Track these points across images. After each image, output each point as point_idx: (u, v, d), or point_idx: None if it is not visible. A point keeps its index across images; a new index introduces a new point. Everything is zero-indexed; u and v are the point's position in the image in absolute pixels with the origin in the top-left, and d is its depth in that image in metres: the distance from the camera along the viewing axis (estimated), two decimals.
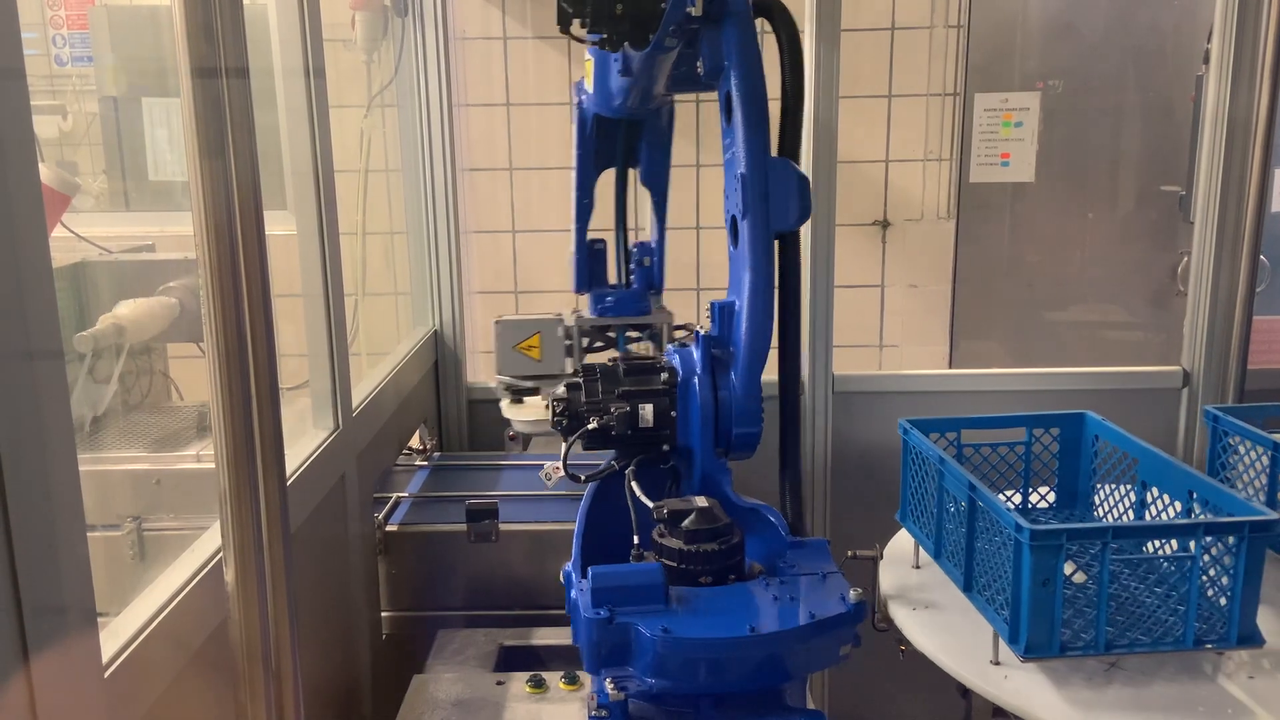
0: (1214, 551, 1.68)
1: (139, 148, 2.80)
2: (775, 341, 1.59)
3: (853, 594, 1.47)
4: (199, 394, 2.56)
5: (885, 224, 3.92)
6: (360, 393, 2.19)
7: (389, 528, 2.25)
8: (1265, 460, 2.06)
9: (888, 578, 2.13)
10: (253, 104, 1.25)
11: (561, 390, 1.57)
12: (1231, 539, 1.65)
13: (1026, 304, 3.79)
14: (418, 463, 2.65)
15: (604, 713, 1.41)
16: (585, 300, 2.34)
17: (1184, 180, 3.26)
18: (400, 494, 2.43)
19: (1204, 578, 1.71)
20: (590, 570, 1.42)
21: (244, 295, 1.20)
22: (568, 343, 2.25)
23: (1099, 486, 2.19)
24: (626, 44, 1.53)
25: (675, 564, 1.49)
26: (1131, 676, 1.72)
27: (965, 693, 1.98)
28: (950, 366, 3.83)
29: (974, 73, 3.62)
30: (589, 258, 2.27)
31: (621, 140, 2.20)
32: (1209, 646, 1.71)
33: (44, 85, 3.33)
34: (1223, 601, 1.68)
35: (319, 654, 1.89)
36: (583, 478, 1.61)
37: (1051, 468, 2.28)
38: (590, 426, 1.54)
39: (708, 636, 1.36)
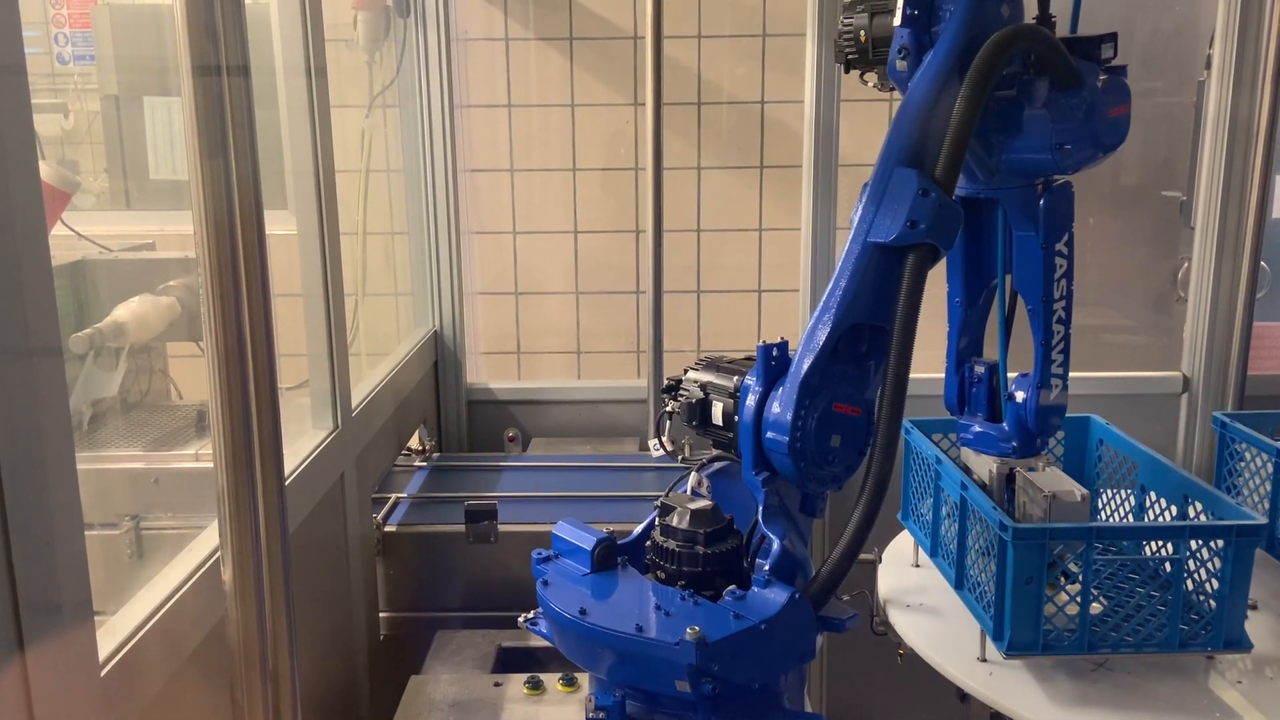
0: (1202, 555, 1.68)
1: (140, 146, 2.80)
2: None
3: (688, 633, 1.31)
4: (198, 393, 2.56)
5: None
6: (360, 393, 2.18)
7: (388, 528, 2.25)
8: (1269, 468, 2.06)
9: (887, 579, 2.14)
10: (254, 103, 1.25)
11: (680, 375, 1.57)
12: (1219, 543, 1.65)
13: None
14: (417, 463, 2.64)
15: (601, 714, 1.40)
16: None
17: (1185, 186, 3.26)
18: (399, 494, 2.43)
19: (1192, 581, 1.71)
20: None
21: (243, 295, 1.19)
22: None
23: (1103, 490, 2.20)
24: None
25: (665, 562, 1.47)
26: (1119, 677, 1.72)
27: (964, 697, 1.98)
28: None
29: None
30: None
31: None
32: (1204, 651, 1.72)
33: (46, 84, 3.33)
34: (1211, 605, 1.68)
35: (316, 654, 1.89)
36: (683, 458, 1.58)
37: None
38: (666, 409, 1.56)
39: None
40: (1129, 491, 2.08)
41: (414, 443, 2.69)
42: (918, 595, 2.06)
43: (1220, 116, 2.53)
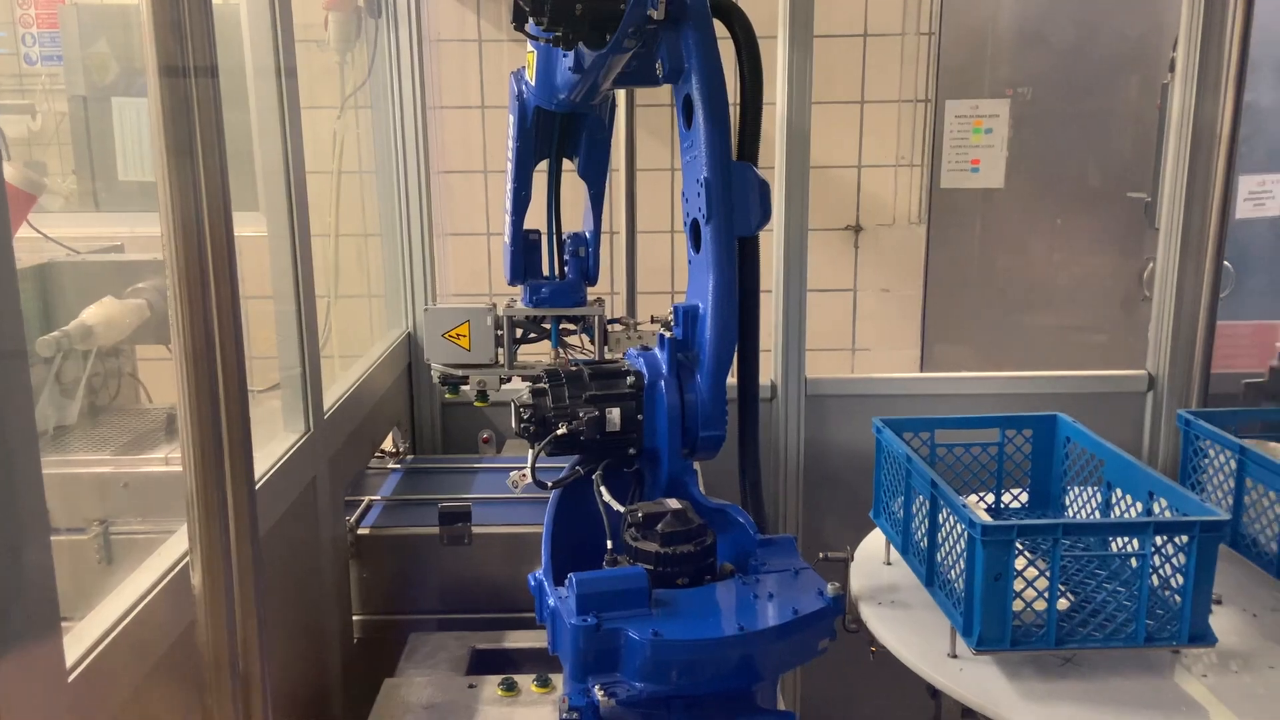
0: (1167, 550, 1.71)
1: (109, 147, 2.77)
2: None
3: (830, 588, 1.48)
4: (168, 396, 2.54)
5: (858, 228, 3.95)
6: (332, 395, 2.18)
7: (361, 531, 2.24)
8: (1233, 464, 2.09)
9: (859, 577, 2.16)
10: (221, 103, 1.24)
11: (527, 396, 1.57)
12: (1183, 538, 1.68)
13: (997, 308, 3.83)
14: (390, 465, 2.64)
15: (575, 715, 1.41)
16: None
17: (1150, 187, 3.31)
18: (373, 497, 2.42)
19: (1158, 577, 1.74)
20: (573, 576, 1.41)
21: (212, 297, 1.19)
22: (499, 333, 2.26)
23: (1069, 488, 2.23)
24: (581, 43, 1.53)
25: (652, 567, 1.49)
26: (1086, 671, 1.75)
27: (935, 693, 2.00)
28: (922, 370, 3.86)
29: (945, 79, 3.66)
30: (524, 248, 2.27)
31: (558, 132, 2.21)
32: (1170, 645, 1.74)
33: (13, 84, 3.29)
34: (1176, 600, 1.71)
35: (289, 658, 1.88)
36: (549, 484, 1.61)
37: (1024, 469, 2.32)
38: (559, 432, 1.54)
39: (700, 638, 1.36)
40: (1095, 488, 2.11)
41: (387, 445, 2.68)
42: (889, 593, 2.08)
43: (1184, 119, 2.57)
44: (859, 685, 2.67)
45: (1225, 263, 3.42)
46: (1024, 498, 2.32)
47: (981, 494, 2.31)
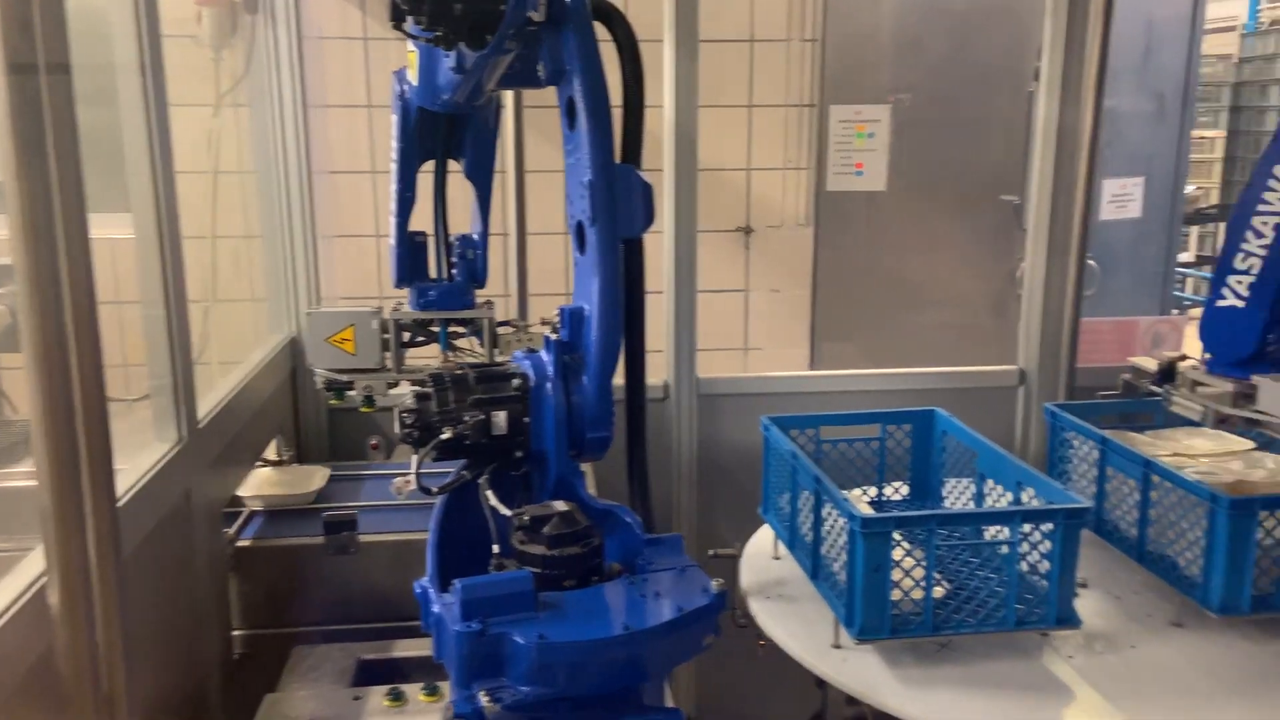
0: (1034, 538, 1.79)
1: None
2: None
3: (714, 584, 1.51)
4: None
5: (748, 230, 4.02)
6: (208, 403, 2.10)
7: (241, 543, 2.17)
8: (1096, 454, 2.20)
9: (749, 572, 2.20)
10: (74, 101, 1.19)
11: (411, 401, 1.55)
12: (1049, 525, 1.76)
13: (881, 307, 3.95)
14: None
15: None
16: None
17: (1020, 190, 3.47)
18: (254, 508, 2.34)
19: (1027, 563, 1.82)
20: (458, 582, 1.40)
21: (66, 302, 1.14)
22: (385, 336, 2.22)
23: (947, 480, 2.31)
24: (463, 43, 1.52)
25: (539, 570, 1.49)
26: (961, 656, 1.82)
27: (821, 684, 2.05)
28: (811, 367, 3.95)
29: (829, 85, 3.75)
30: (410, 251, 2.25)
31: (443, 132, 2.19)
32: (1039, 628, 1.83)
33: None
34: (1043, 585, 1.79)
35: (162, 678, 1.81)
36: (434, 490, 1.59)
37: (905, 462, 2.39)
38: (444, 437, 1.53)
39: (585, 639, 1.36)
40: (969, 480, 2.19)
41: (270, 453, 2.60)
42: (777, 587, 2.12)
43: (1049, 125, 2.69)
44: (752, 679, 2.71)
45: (1091, 262, 3.61)
46: (905, 490, 2.39)
47: (865, 488, 2.38)
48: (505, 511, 1.54)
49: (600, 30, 1.61)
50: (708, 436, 2.85)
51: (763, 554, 2.29)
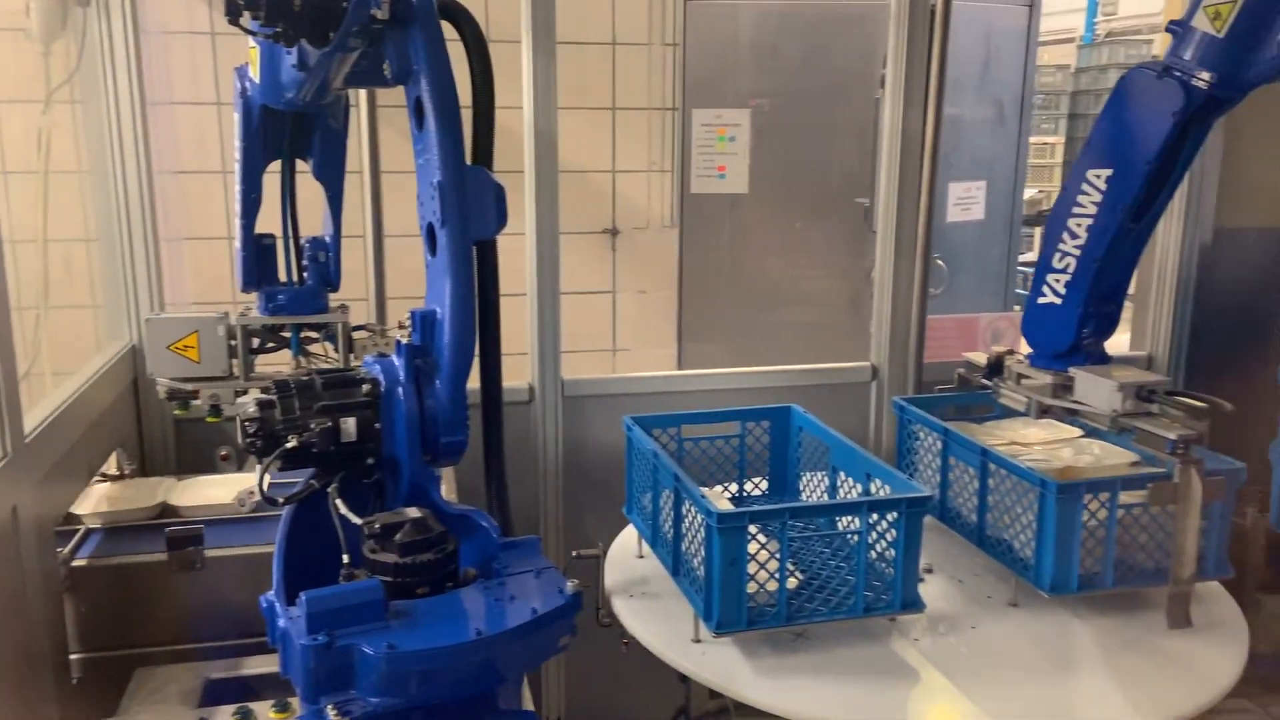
0: (880, 527, 1.86)
1: None
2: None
3: (569, 585, 1.51)
4: None
5: (614, 232, 4.04)
6: (38, 415, 1.98)
7: (76, 562, 2.06)
8: (940, 445, 2.31)
9: (613, 572, 2.21)
10: None
11: (253, 409, 1.49)
12: (893, 515, 1.83)
13: (746, 307, 4.03)
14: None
15: None
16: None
17: (870, 193, 3.60)
18: (93, 525, 2.22)
19: (875, 552, 1.89)
20: (303, 595, 1.36)
21: None
22: (232, 343, 2.15)
23: (803, 473, 2.38)
24: (304, 41, 1.48)
25: (391, 578, 1.46)
26: (816, 644, 1.88)
27: (684, 678, 2.08)
28: (679, 368, 4.00)
29: (691, 89, 3.81)
30: (256, 253, 2.18)
31: (289, 131, 2.13)
32: (886, 614, 1.90)
33: None
34: (890, 572, 1.86)
35: None
36: (281, 500, 1.54)
37: (764, 458, 2.45)
38: (289, 445, 1.48)
39: (436, 646, 1.35)
40: (824, 473, 2.27)
41: (111, 467, 2.47)
42: (640, 585, 2.15)
43: (894, 131, 2.81)
44: (619, 678, 2.72)
45: (939, 262, 3.78)
46: (764, 485, 2.46)
47: (726, 484, 2.43)
48: (356, 520, 1.51)
49: (449, 29, 1.60)
50: (574, 438, 2.85)
51: (627, 553, 2.31)
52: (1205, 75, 1.97)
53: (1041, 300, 2.23)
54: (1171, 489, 1.87)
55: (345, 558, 1.50)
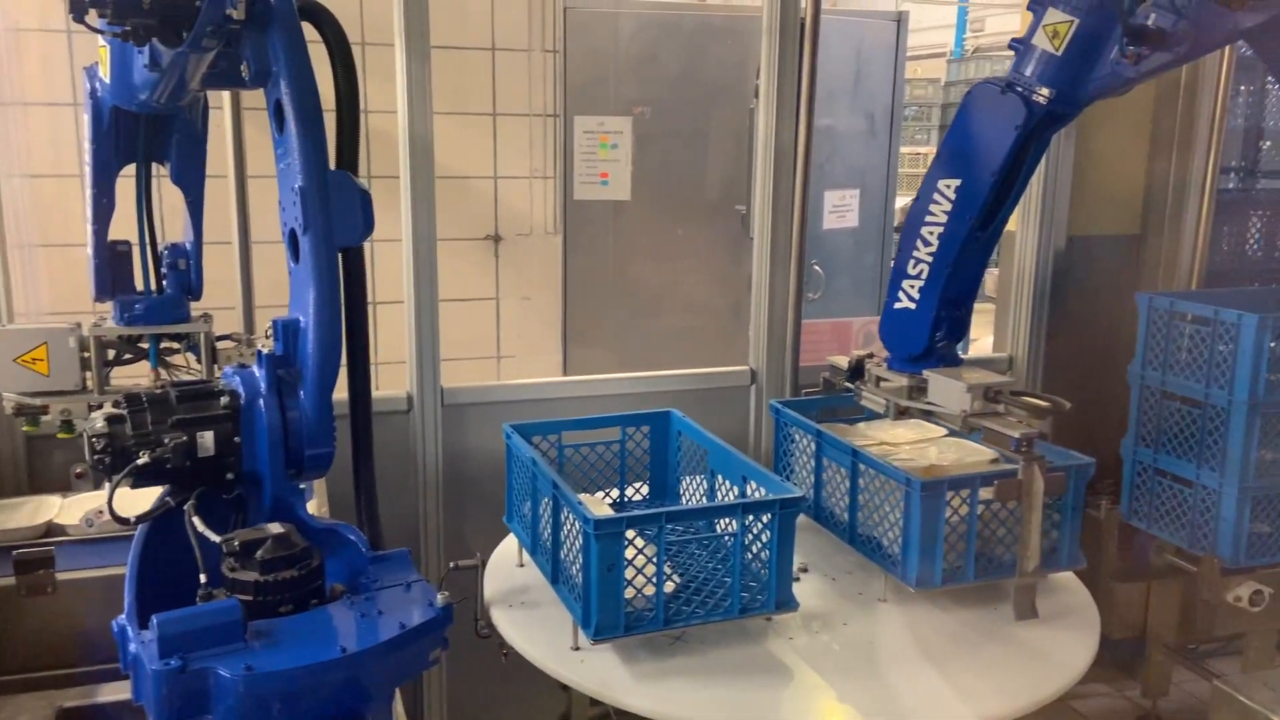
0: (755, 528, 1.89)
1: None
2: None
3: (439, 598, 1.49)
4: None
5: (497, 238, 4.01)
6: None
7: None
8: (813, 446, 2.37)
9: (493, 581, 2.19)
10: None
11: (101, 424, 1.43)
12: (767, 516, 1.87)
13: (630, 312, 4.05)
14: None
15: None
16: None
17: (748, 201, 3.66)
18: None
19: (751, 553, 1.92)
20: (155, 617, 1.31)
21: None
22: (85, 355, 2.06)
23: (683, 478, 2.40)
24: (155, 40, 1.43)
25: (252, 597, 1.41)
26: (694, 647, 1.90)
27: (565, 686, 2.07)
28: (564, 374, 3.99)
29: (573, 96, 3.81)
30: (110, 261, 2.09)
31: (145, 133, 2.05)
32: (762, 614, 1.93)
33: None
34: (765, 572, 1.90)
35: None
36: (133, 519, 1.48)
37: (645, 463, 2.47)
38: (140, 462, 1.42)
39: (297, 666, 1.31)
40: (703, 477, 2.29)
41: None
42: (520, 594, 2.13)
43: (768, 140, 2.87)
44: (502, 688, 2.70)
45: (817, 268, 3.88)
46: (645, 490, 2.47)
47: (607, 490, 2.44)
48: (214, 538, 1.45)
49: (310, 30, 1.56)
50: (454, 447, 2.81)
51: (507, 562, 2.30)
52: (1045, 91, 2.07)
53: (897, 305, 2.31)
54: (1015, 485, 1.95)
55: (203, 577, 1.45)
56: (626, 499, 2.45)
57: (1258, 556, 2.70)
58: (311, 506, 1.96)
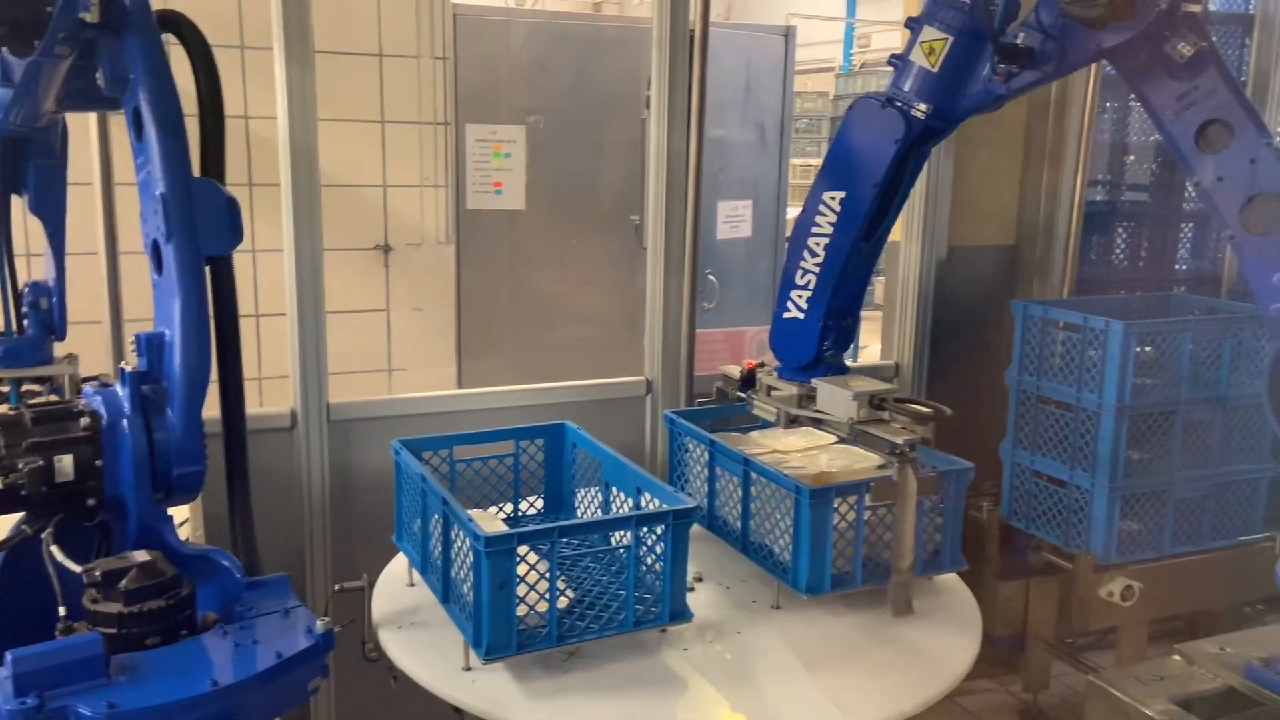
0: (649, 540, 1.89)
1: None
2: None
3: (320, 624, 1.44)
4: None
5: (387, 248, 3.92)
6: None
7: None
8: (707, 456, 2.38)
9: (382, 602, 2.13)
10: None
11: None
12: (660, 527, 1.87)
13: (525, 324, 4.02)
14: None
15: None
16: None
17: (641, 211, 3.68)
18: None
19: (645, 565, 1.92)
20: (9, 654, 1.23)
21: None
22: None
23: (578, 490, 2.38)
24: (5, 49, 1.35)
25: (116, 630, 1.34)
26: (588, 662, 1.88)
27: (459, 710, 2.03)
28: (459, 386, 3.93)
29: (464, 104, 3.76)
30: None
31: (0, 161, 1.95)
32: (656, 626, 1.93)
33: None
34: (659, 584, 1.89)
35: None
36: None
37: (539, 476, 2.44)
38: None
39: (163, 702, 1.25)
40: (597, 489, 2.28)
41: None
42: (410, 615, 2.08)
43: (660, 150, 2.88)
44: (393, 712, 2.62)
45: (711, 278, 3.92)
46: (539, 504, 2.44)
47: (501, 504, 2.40)
48: (74, 568, 1.37)
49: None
50: (342, 465, 2.73)
51: (397, 582, 2.24)
52: (923, 106, 2.14)
53: (786, 315, 2.34)
54: (890, 487, 2.01)
55: (62, 610, 1.37)
56: (521, 513, 2.42)
57: (1128, 553, 2.84)
58: (184, 532, 1.87)
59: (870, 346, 3.78)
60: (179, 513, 1.60)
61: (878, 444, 2.07)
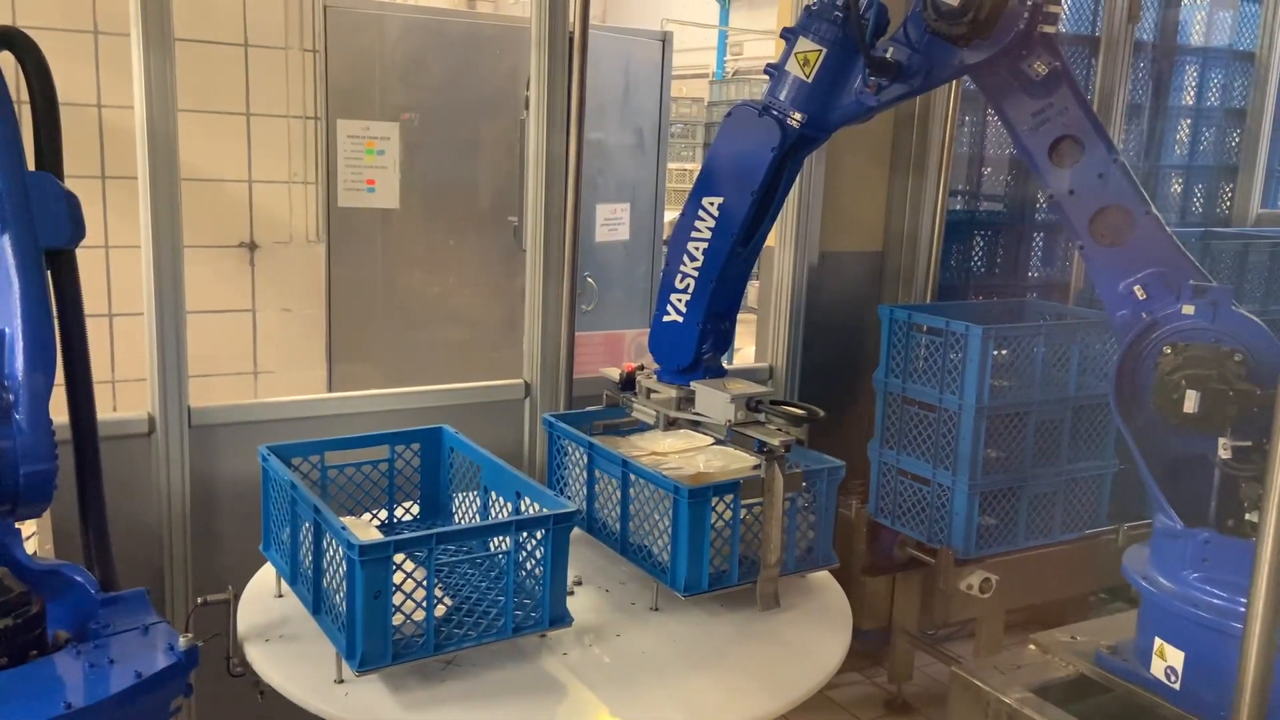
0: (529, 545, 1.88)
1: None
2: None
3: (182, 640, 1.37)
4: None
5: (253, 246, 3.77)
6: None
7: None
8: (586, 459, 2.37)
9: (249, 615, 2.04)
10: None
11: None
12: (540, 532, 1.86)
13: (400, 326, 3.93)
14: None
15: None
16: None
17: (520, 213, 3.65)
18: None
19: (525, 570, 1.90)
20: None
21: None
22: None
23: (455, 495, 2.34)
24: None
25: None
26: (466, 671, 1.86)
27: None
28: (330, 390, 3.81)
29: (335, 99, 3.65)
30: None
31: None
32: (536, 631, 1.91)
33: None
34: (539, 589, 1.88)
35: None
36: None
37: (415, 481, 2.39)
38: None
39: None
40: (476, 493, 2.25)
41: None
42: (279, 627, 2.00)
43: (539, 151, 2.86)
44: None
45: (590, 280, 3.92)
46: (415, 510, 2.39)
47: (376, 511, 2.34)
48: None
49: None
50: (205, 472, 2.61)
51: (265, 593, 2.15)
52: (798, 115, 2.19)
53: (666, 319, 2.37)
54: (758, 484, 2.06)
55: None
56: (396, 519, 2.36)
57: (986, 547, 2.98)
58: (31, 545, 1.75)
59: (744, 349, 3.85)
60: (25, 525, 1.50)
61: (741, 443, 2.11)
